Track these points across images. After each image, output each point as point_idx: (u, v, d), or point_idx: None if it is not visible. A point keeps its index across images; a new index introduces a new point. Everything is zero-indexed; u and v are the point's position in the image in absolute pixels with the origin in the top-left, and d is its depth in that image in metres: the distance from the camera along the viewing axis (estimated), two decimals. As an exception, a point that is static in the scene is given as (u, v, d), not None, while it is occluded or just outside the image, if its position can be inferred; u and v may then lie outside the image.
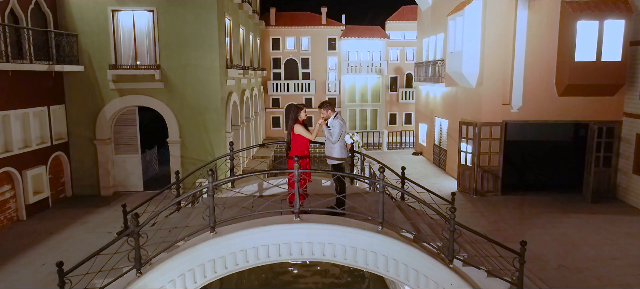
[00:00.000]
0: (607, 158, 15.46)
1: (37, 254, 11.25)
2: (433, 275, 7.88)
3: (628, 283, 9.44)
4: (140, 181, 17.04)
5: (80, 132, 16.12)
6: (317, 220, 7.87)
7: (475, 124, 15.95)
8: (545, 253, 11.03)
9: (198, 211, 9.65)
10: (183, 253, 7.62)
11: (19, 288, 9.42)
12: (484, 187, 16.09)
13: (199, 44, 16.07)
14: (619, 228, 12.77)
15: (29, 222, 13.68)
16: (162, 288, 7.52)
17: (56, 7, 15.37)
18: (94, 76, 15.90)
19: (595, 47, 14.47)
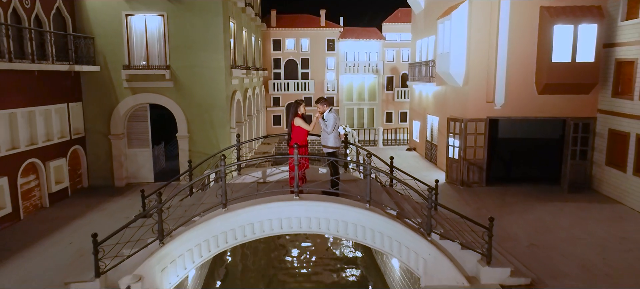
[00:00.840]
0: (583, 152, 16.74)
1: (63, 236, 12.51)
2: (413, 246, 9.17)
3: (588, 259, 10.71)
4: (151, 173, 18.30)
5: (96, 128, 17.40)
6: (314, 199, 9.17)
7: (461, 120, 17.23)
8: (519, 234, 12.30)
9: (209, 193, 10.96)
10: (199, 226, 8.91)
11: (53, 263, 10.67)
12: (469, 179, 17.37)
13: (205, 46, 17.35)
14: (589, 213, 14.05)
15: (52, 209, 14.95)
16: (181, 255, 8.81)
17: (74, 11, 16.65)
18: (108, 75, 17.18)
19: (571, 49, 15.75)
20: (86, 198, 16.19)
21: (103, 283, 8.74)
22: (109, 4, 16.77)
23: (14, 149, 13.44)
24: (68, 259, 10.87)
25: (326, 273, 14.10)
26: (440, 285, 9.12)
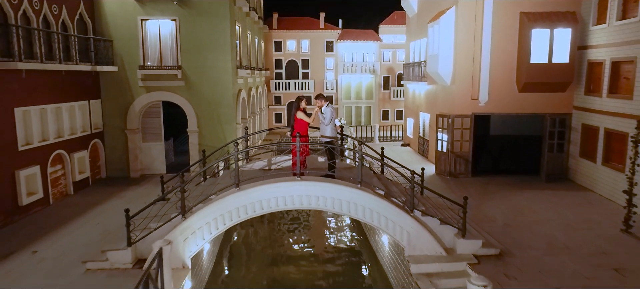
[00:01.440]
0: (560, 145, 18.28)
1: (89, 218, 14.03)
2: (398, 221, 10.71)
3: (553, 235, 12.23)
4: (163, 165, 19.86)
5: (114, 123, 18.95)
6: (313, 180, 10.71)
7: (449, 116, 18.77)
8: (496, 216, 13.83)
9: (221, 178, 12.52)
10: (215, 203, 10.46)
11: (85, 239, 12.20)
12: (456, 170, 18.91)
13: (214, 48, 18.90)
14: (561, 199, 15.58)
15: (76, 196, 16.49)
16: (201, 227, 10.35)
17: (95, 16, 18.19)
18: (125, 75, 18.73)
19: (548, 51, 17.29)
20: (105, 187, 17.75)
21: (133, 252, 10.29)
22: (126, 9, 18.31)
23: (44, 141, 14.98)
24: (97, 236, 12.40)
25: (324, 254, 15.65)
26: (422, 255, 10.65)
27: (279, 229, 17.95)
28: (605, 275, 9.87)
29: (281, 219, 18.86)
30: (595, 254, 11.01)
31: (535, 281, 9.59)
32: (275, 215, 18.88)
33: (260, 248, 16.20)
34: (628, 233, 12.19)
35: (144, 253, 10.38)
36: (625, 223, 12.27)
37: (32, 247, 11.62)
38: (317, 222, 19.05)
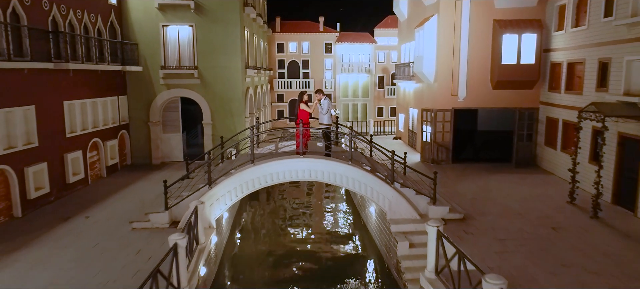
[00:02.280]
0: (529, 135, 20.92)
1: (125, 194, 16.66)
2: (381, 190, 13.35)
3: (509, 205, 14.85)
4: (181, 153, 22.48)
5: (138, 116, 21.57)
6: (313, 158, 13.35)
7: (432, 111, 21.41)
8: (466, 192, 16.47)
9: (237, 159, 15.14)
10: (235, 176, 13.10)
11: (126, 208, 14.82)
12: (439, 157, 21.56)
13: (225, 51, 21.52)
14: (525, 180, 18.22)
15: (108, 178, 19.12)
16: (224, 194, 13.00)
17: (123, 23, 20.83)
18: (148, 74, 21.36)
19: (516, 53, 19.95)
20: (132, 172, 20.38)
21: (169, 214, 12.91)
22: (149, 17, 20.95)
23: (84, 130, 17.62)
24: (135, 206, 15.02)
25: (323, 228, 18.33)
26: (400, 218, 13.28)
27: (283, 211, 20.62)
28: (543, 231, 12.51)
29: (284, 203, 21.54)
30: (540, 217, 13.66)
31: (487, 236, 12.23)
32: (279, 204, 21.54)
33: (266, 223, 18.88)
34: (572, 203, 14.84)
35: (177, 216, 13.00)
36: (570, 195, 14.91)
37: (84, 213, 14.25)
38: (317, 209, 21.72)
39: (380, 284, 13.35)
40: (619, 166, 14.59)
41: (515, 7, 20.06)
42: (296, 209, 20.83)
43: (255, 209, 20.94)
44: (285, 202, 21.94)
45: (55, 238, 12.20)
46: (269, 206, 21.42)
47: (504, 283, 7.06)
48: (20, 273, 10.05)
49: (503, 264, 10.41)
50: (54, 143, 15.57)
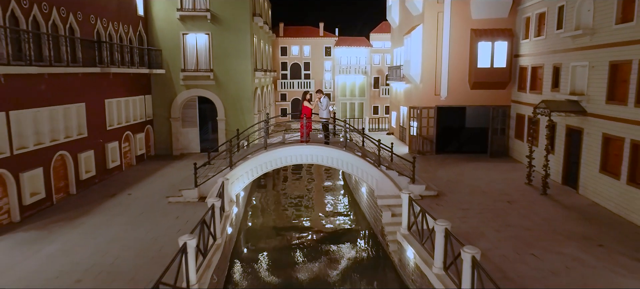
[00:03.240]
0: (502, 129, 23.98)
1: (155, 178, 19.70)
2: (369, 172, 16.41)
3: (477, 186, 17.91)
4: (198, 146, 25.54)
5: (161, 113, 24.63)
6: (315, 145, 16.43)
7: (418, 108, 24.47)
8: (443, 176, 19.53)
9: (249, 149, 18.21)
10: (251, 159, 16.18)
11: (159, 187, 17.87)
12: (424, 149, 24.63)
13: (237, 55, 24.57)
14: (496, 167, 21.27)
15: (138, 166, 22.18)
16: (242, 175, 16.09)
17: (149, 32, 23.90)
18: (170, 76, 24.42)
19: (490, 58, 23.01)
20: (156, 161, 23.43)
21: (198, 191, 15.95)
22: (171, 26, 24.01)
23: (119, 124, 20.68)
24: (166, 186, 18.08)
25: (322, 210, 21.42)
26: (385, 194, 16.33)
27: (286, 197, 23.73)
28: (500, 204, 15.56)
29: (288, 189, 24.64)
30: (500, 194, 16.72)
31: (453, 207, 15.28)
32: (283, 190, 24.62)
33: (272, 204, 21.99)
34: (529, 184, 17.89)
35: (204, 193, 16.04)
36: (527, 177, 17.98)
37: (126, 191, 17.33)
38: (317, 193, 24.79)
39: (368, 245, 16.46)
40: (567, 153, 17.67)
41: (489, 17, 23.11)
42: (298, 194, 23.92)
43: (262, 194, 24.03)
44: (288, 189, 25.03)
45: (108, 208, 15.27)
46: (275, 192, 24.52)
47: (448, 224, 10.12)
48: (89, 230, 13.11)
49: (461, 225, 13.47)
50: (98, 134, 18.64)
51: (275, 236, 17.87)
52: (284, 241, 17.35)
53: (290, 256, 15.94)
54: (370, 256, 15.74)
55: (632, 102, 13.54)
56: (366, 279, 14.16)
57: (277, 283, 13.98)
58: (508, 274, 10.17)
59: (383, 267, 14.73)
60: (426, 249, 11.34)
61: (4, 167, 13.14)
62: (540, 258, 11.03)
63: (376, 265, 15.06)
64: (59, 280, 9.92)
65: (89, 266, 10.66)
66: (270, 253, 16.35)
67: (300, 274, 14.60)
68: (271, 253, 16.29)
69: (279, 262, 15.49)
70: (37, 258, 11.13)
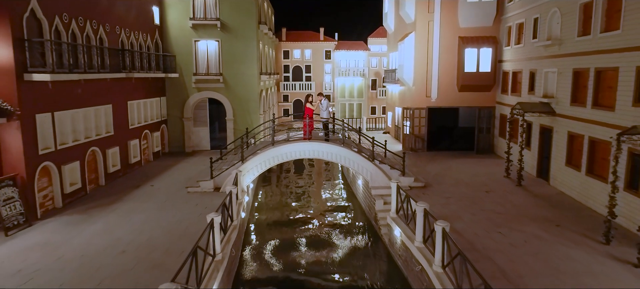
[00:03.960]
0: (488, 128, 26.16)
1: (172, 172, 21.87)
2: (364, 165, 18.60)
3: (461, 178, 20.09)
4: (208, 143, 27.73)
5: (174, 113, 26.82)
6: (316, 142, 18.61)
7: (411, 109, 26.65)
8: (432, 171, 21.70)
9: (257, 146, 20.42)
10: (260, 154, 18.38)
11: (178, 180, 20.05)
12: (416, 146, 26.80)
13: (245, 60, 26.75)
14: (480, 163, 23.44)
15: (154, 162, 24.36)
16: (252, 168, 18.28)
17: (164, 39, 26.09)
18: (183, 79, 26.60)
19: (476, 63, 25.18)
20: (171, 157, 25.61)
21: (214, 182, 18.13)
22: (184, 34, 26.20)
23: (139, 123, 22.87)
24: (183, 178, 20.25)
25: (322, 201, 23.62)
26: (378, 185, 18.50)
27: (290, 191, 25.93)
28: (479, 194, 17.71)
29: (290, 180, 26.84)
30: (480, 185, 18.90)
31: (437, 196, 17.44)
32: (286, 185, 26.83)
33: (277, 196, 24.20)
34: (507, 177, 20.05)
35: (218, 184, 18.21)
36: (506, 171, 20.14)
37: (148, 183, 19.51)
38: (318, 187, 27.00)
39: (363, 229, 18.66)
40: (540, 149, 19.85)
41: (475, 26, 25.28)
42: (301, 187, 26.13)
43: (268, 188, 26.23)
44: (291, 183, 27.23)
45: (135, 197, 17.46)
46: (279, 185, 26.72)
47: (427, 205, 12.29)
48: (123, 214, 15.28)
49: (443, 209, 15.64)
50: (122, 133, 20.83)
51: (280, 222, 20.06)
52: (288, 226, 19.54)
53: (294, 237, 18.14)
54: (364, 238, 17.93)
55: (589, 104, 15.71)
56: (361, 256, 16.35)
57: (282, 258, 16.18)
58: (475, 246, 12.35)
59: (375, 246, 16.93)
60: (410, 228, 13.52)
61: (50, 160, 15.33)
62: (505, 234, 13.21)
63: (369, 244, 17.26)
64: (108, 251, 12.10)
65: (129, 241, 12.85)
66: (276, 235, 18.55)
67: (302, 252, 16.81)
68: (277, 235, 18.48)
69: (284, 242, 17.69)
70: (85, 235, 13.32)
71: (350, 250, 16.98)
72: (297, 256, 16.60)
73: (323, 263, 15.94)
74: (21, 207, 13.74)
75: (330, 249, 17.10)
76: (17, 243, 12.74)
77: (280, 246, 17.56)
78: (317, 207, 22.38)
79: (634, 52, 13.28)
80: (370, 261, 16.09)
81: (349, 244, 17.49)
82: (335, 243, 17.64)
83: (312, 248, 17.25)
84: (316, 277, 14.93)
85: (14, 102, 13.68)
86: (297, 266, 15.73)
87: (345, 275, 15.02)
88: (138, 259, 11.58)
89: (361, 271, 15.30)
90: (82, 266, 11.19)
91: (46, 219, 14.67)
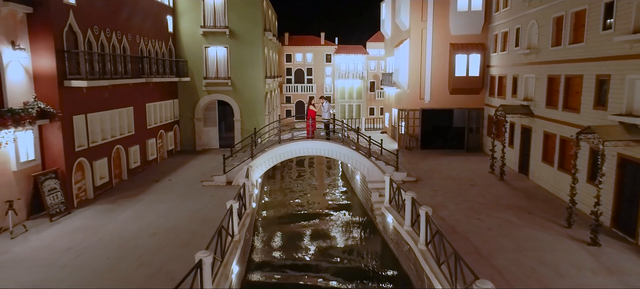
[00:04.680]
0: (477, 128, 28.21)
1: (186, 168, 23.89)
2: (361, 161, 20.66)
3: (449, 173, 22.10)
4: (217, 142, 29.78)
5: (186, 114, 28.86)
6: (318, 140, 20.67)
7: (406, 110, 28.69)
8: (424, 167, 23.73)
9: (266, 142, 22.47)
10: (268, 151, 20.44)
11: (193, 175, 22.08)
12: (410, 145, 28.85)
13: (251, 65, 28.79)
14: (469, 160, 25.45)
15: (169, 159, 26.40)
16: (261, 164, 20.34)
17: (177, 45, 28.14)
18: (194, 83, 28.65)
19: (466, 68, 27.22)
20: (183, 155, 27.65)
21: (226, 177, 20.18)
22: (195, 40, 28.25)
23: (155, 123, 24.91)
24: (198, 174, 22.28)
25: (323, 195, 25.67)
26: (374, 180, 20.53)
27: (293, 187, 27.99)
28: (464, 187, 19.73)
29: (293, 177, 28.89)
30: (466, 180, 20.93)
31: (427, 188, 19.47)
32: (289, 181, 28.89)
33: (281, 191, 26.24)
34: (492, 172, 22.07)
35: (230, 178, 20.23)
36: (490, 167, 22.16)
37: (166, 178, 21.55)
38: (319, 183, 29.06)
39: (360, 218, 20.73)
40: (521, 147, 21.90)
41: (466, 33, 27.32)
42: (303, 182, 28.18)
43: (272, 184, 28.28)
44: (294, 179, 29.27)
45: (156, 190, 19.50)
46: (283, 181, 28.78)
47: (414, 194, 14.32)
48: (148, 204, 17.31)
49: (430, 200, 17.65)
50: (141, 132, 22.88)
51: (285, 213, 22.12)
52: (293, 216, 21.59)
53: (298, 226, 20.20)
54: (361, 225, 19.98)
55: (561, 107, 17.75)
56: (358, 241, 18.39)
57: (288, 243, 18.22)
58: (456, 229, 14.39)
59: (371, 232, 18.97)
60: (400, 215, 15.56)
61: (84, 157, 17.37)
62: (483, 220, 15.25)
63: (365, 231, 19.30)
64: (140, 233, 14.15)
65: (157, 225, 14.89)
66: (282, 223, 20.61)
67: (306, 237, 18.85)
68: (283, 223, 20.55)
69: (289, 229, 19.76)
70: (118, 221, 15.36)
71: (348, 236, 19.02)
72: (301, 241, 18.65)
73: (324, 247, 17.99)
74: (62, 197, 15.79)
75: (331, 235, 19.15)
76: (61, 227, 14.77)
77: (286, 232, 19.60)
78: (319, 199, 24.42)
79: (594, 62, 15.32)
80: (366, 244, 18.14)
81: (348, 230, 19.54)
82: (335, 230, 19.68)
83: (315, 234, 19.30)
84: (318, 260, 16.98)
85: (55, 106, 15.72)
86: (301, 249, 17.79)
87: (344, 258, 17.07)
88: (168, 239, 13.62)
89: (358, 252, 17.34)
90: (121, 245, 13.23)
91: (81, 208, 16.71)
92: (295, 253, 17.54)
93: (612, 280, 10.89)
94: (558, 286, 10.54)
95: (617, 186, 13.93)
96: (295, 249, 17.92)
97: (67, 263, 12.00)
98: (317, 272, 16.18)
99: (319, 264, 16.57)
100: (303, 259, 17.05)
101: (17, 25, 14.87)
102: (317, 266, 16.52)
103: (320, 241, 18.67)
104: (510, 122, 21.66)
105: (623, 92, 13.63)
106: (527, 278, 10.96)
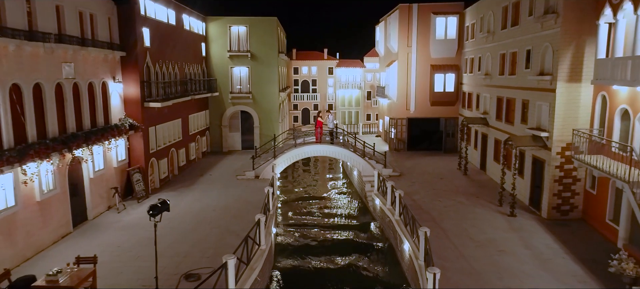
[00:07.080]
0: (453, 133, 34.58)
1: (220, 166, 30.22)
2: (358, 161, 27.12)
3: (428, 171, 28.47)
4: (240, 145, 36.17)
5: (215, 122, 35.25)
6: (324, 144, 27.07)
7: (395, 118, 35.08)
8: (407, 164, 30.10)
9: (285, 145, 28.88)
10: (287, 153, 26.92)
11: (227, 171, 28.46)
12: (398, 147, 35.22)
13: (268, 82, 35.17)
14: (444, 159, 31.81)
15: (202, 159, 32.77)
16: (281, 162, 26.76)
17: (208, 66, 34.55)
18: (221, 96, 35.05)
19: (443, 85, 33.61)
20: (214, 156, 34.02)
21: (255, 172, 26.54)
22: (223, 62, 34.65)
23: (194, 130, 31.31)
24: (230, 170, 28.65)
25: (326, 189, 32.18)
26: (367, 174, 26.90)
27: (302, 183, 34.47)
28: (435, 179, 26.07)
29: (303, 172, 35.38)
30: (437, 174, 27.31)
31: (407, 181, 25.81)
32: (298, 177, 35.39)
33: (293, 185, 32.74)
34: (459, 169, 28.43)
35: (258, 174, 26.58)
36: (458, 165, 28.55)
37: (207, 173, 27.92)
38: (323, 179, 35.55)
39: (356, 203, 27.21)
40: (482, 149, 28.29)
41: (443, 56, 33.68)
42: (310, 177, 34.62)
43: (285, 179, 34.71)
44: (302, 176, 35.72)
45: (203, 182, 25.87)
46: (294, 178, 35.25)
47: (394, 183, 20.69)
48: (202, 191, 23.66)
49: (408, 188, 23.98)
50: (186, 138, 29.29)
51: (296, 200, 28.51)
52: (302, 203, 27.99)
53: (307, 209, 26.59)
54: (357, 208, 26.40)
55: (503, 120, 24.13)
56: (354, 219, 24.80)
57: (299, 224, 24.65)
58: (422, 208, 20.76)
59: (364, 213, 25.41)
60: (384, 198, 21.94)
61: (154, 157, 23.77)
62: (442, 201, 21.63)
63: (360, 211, 25.72)
64: (204, 210, 20.52)
65: (214, 205, 21.25)
66: (294, 207, 27.01)
67: (313, 216, 25.26)
68: (295, 208, 26.95)
69: (299, 212, 26.14)
70: (184, 202, 21.73)
71: (348, 215, 25.44)
72: (309, 220, 25.06)
73: (329, 225, 24.41)
74: (143, 185, 22.18)
75: (332, 216, 25.55)
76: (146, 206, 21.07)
77: (297, 214, 26.00)
78: (323, 190, 30.83)
79: (521, 90, 21.69)
80: (360, 219, 24.57)
81: (346, 211, 25.95)
82: (338, 212, 26.08)
83: (321, 215, 25.71)
84: (324, 233, 23.40)
85: (139, 120, 22.10)
86: (309, 225, 24.21)
87: (344, 231, 23.49)
88: (224, 212, 20.02)
89: (354, 226, 23.78)
90: (193, 217, 19.59)
91: (154, 194, 23.08)
92: (305, 228, 23.95)
93: (513, 235, 17.27)
94: (478, 238, 16.93)
95: (532, 176, 20.34)
96: (305, 225, 24.33)
97: (161, 227, 18.40)
98: (323, 230, 22.66)
99: (324, 232, 22.97)
100: (310, 233, 23.47)
101: (115, 65, 21.28)
102: (322, 231, 22.92)
103: (325, 219, 25.08)
104: (475, 130, 27.95)
105: (534, 113, 20.04)
106: (461, 233, 17.35)
